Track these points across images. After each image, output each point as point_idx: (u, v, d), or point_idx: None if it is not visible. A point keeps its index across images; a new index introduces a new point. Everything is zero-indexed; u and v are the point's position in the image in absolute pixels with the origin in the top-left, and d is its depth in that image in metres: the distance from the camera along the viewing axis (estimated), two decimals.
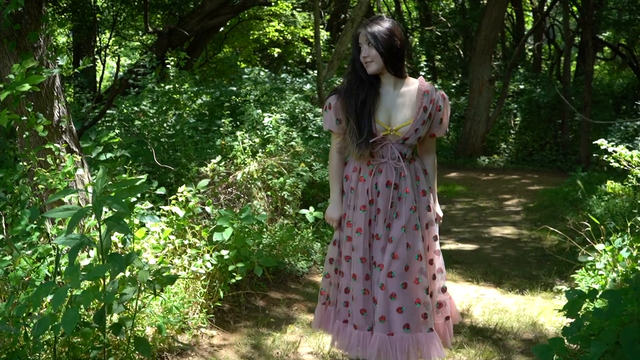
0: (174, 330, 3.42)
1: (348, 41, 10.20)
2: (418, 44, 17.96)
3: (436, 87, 3.01)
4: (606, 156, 5.69)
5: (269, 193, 5.47)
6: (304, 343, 3.62)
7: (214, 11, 10.88)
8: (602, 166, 8.94)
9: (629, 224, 4.37)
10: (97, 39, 13.22)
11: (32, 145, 3.76)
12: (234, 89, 8.91)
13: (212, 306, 3.78)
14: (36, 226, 3.70)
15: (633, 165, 5.48)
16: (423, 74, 14.22)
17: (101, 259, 2.70)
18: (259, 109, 7.01)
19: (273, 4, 12.25)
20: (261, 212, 5.15)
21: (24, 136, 3.73)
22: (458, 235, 6.70)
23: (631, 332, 2.30)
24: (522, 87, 14.11)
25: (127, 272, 3.09)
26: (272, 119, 6.39)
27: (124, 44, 15.50)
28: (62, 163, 3.76)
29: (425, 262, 2.80)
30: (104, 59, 12.49)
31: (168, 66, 7.19)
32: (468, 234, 6.81)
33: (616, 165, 5.62)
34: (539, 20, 14.66)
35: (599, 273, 4.11)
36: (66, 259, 3.23)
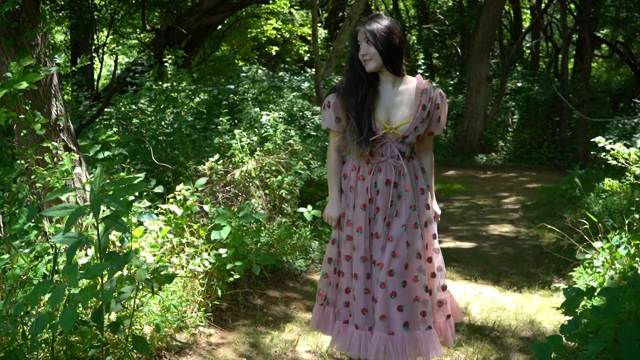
0: (172, 328, 3.41)
1: (346, 39, 10.19)
2: (416, 41, 17.95)
3: (434, 85, 3.01)
4: (604, 154, 5.68)
5: (267, 191, 5.47)
6: (302, 341, 3.62)
7: (211, 9, 10.87)
8: (599, 164, 8.93)
9: (627, 222, 4.38)
10: (95, 36, 13.20)
11: (29, 144, 3.75)
12: (231, 87, 8.89)
13: (210, 305, 3.78)
14: (34, 224, 3.69)
15: (630, 163, 5.48)
16: (421, 71, 14.22)
17: (99, 257, 2.70)
18: (256, 107, 6.99)
19: (271, 1, 12.24)
20: (259, 210, 5.14)
21: (22, 134, 3.72)
22: (456, 233, 6.70)
23: (629, 329, 2.30)
24: (519, 84, 14.11)
25: (125, 270, 3.08)
26: (270, 117, 6.38)
27: (121, 42, 15.46)
28: (59, 161, 3.75)
29: (424, 260, 2.80)
30: (101, 57, 12.45)
31: (166, 64, 7.17)
32: (466, 232, 6.81)
33: (614, 162, 5.62)
34: (537, 17, 14.66)
35: (596, 271, 4.11)
36: (64, 258, 3.23)
